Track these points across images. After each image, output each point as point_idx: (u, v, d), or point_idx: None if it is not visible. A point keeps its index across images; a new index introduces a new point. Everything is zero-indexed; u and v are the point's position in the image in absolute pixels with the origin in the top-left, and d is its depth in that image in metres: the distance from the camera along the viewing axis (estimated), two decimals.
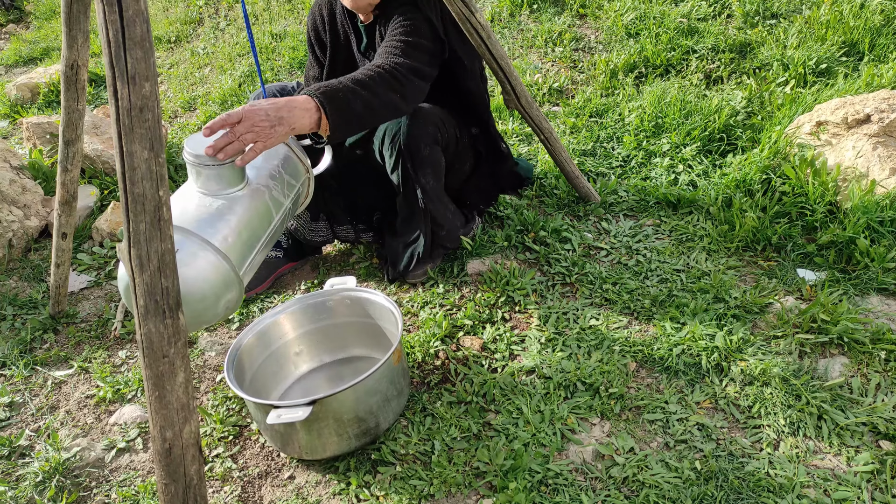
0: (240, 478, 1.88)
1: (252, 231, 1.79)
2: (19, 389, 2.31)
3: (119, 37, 1.17)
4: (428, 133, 2.26)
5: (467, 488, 1.74)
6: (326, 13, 2.44)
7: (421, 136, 2.24)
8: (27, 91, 4.92)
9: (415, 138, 2.24)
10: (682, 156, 2.93)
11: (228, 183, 1.76)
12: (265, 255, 1.96)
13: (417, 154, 2.27)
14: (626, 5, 3.94)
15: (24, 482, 1.93)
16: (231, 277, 1.65)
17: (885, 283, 2.18)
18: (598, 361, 2.04)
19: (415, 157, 2.27)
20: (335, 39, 2.44)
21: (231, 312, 1.73)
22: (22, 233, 3.02)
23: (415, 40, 2.15)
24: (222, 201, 1.74)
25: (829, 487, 1.64)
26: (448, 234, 2.46)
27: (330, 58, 2.46)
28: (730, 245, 2.46)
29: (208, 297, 1.60)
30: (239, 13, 5.43)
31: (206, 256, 1.60)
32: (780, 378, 1.92)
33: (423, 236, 2.40)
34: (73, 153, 2.19)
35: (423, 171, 2.30)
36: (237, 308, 1.75)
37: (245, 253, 1.75)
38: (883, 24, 3.34)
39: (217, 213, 1.71)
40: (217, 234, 1.66)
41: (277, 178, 1.95)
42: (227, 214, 1.72)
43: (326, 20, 2.43)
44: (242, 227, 1.75)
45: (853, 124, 2.56)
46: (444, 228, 2.43)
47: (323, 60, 2.50)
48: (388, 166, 2.33)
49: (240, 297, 1.71)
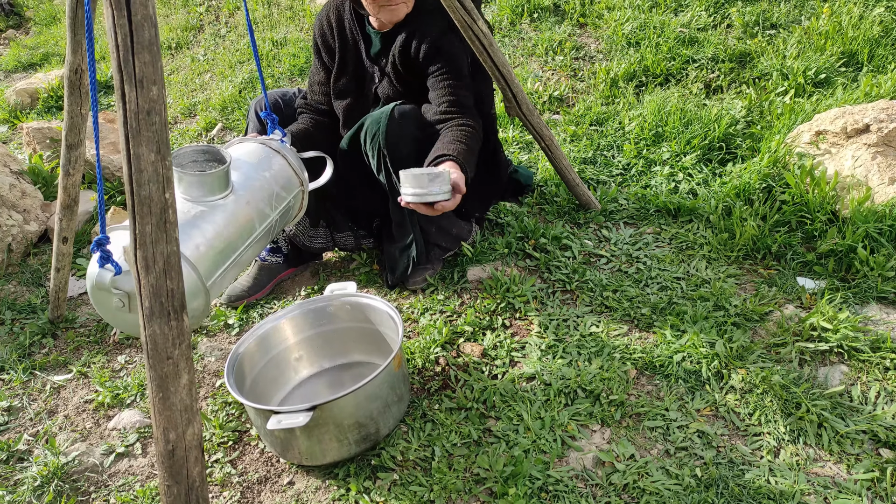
0: (239, 483, 1.88)
1: (228, 241, 1.78)
2: (18, 394, 2.30)
3: (128, 41, 1.17)
4: (407, 133, 2.26)
5: (467, 494, 1.74)
6: (335, 19, 2.45)
7: (400, 136, 2.25)
8: (26, 96, 4.93)
9: (394, 136, 2.24)
10: (682, 164, 2.94)
11: (211, 190, 1.76)
12: (248, 262, 1.95)
13: (397, 154, 2.26)
14: (626, 15, 3.96)
15: (22, 487, 1.92)
16: (197, 286, 1.64)
17: (884, 292, 2.19)
18: (599, 368, 2.04)
19: (395, 157, 2.27)
20: (344, 45, 2.45)
21: (197, 322, 1.71)
22: (21, 237, 3.01)
23: (464, 81, 2.31)
24: (202, 208, 1.74)
25: (830, 495, 1.64)
26: (438, 233, 2.45)
27: (338, 63, 2.47)
28: (730, 253, 2.46)
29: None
30: (239, 20, 5.44)
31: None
32: (781, 386, 1.92)
33: (414, 238, 2.40)
34: (76, 157, 2.20)
35: None
36: (204, 317, 1.73)
37: (218, 262, 1.74)
38: (882, 35, 3.36)
39: (193, 220, 1.71)
40: (189, 241, 1.66)
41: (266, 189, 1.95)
42: (204, 223, 1.72)
43: (335, 26, 2.45)
44: (219, 236, 1.74)
45: (852, 134, 2.57)
46: (433, 226, 2.43)
47: (330, 66, 2.52)
48: (374, 167, 2.34)
49: (206, 306, 1.70)
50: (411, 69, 2.35)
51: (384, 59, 2.40)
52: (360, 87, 2.48)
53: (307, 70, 4.43)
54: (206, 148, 1.83)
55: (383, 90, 2.42)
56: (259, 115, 2.51)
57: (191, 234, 1.67)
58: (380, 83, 2.43)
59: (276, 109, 2.53)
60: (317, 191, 2.30)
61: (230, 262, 1.79)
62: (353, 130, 2.39)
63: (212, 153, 1.84)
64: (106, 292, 1.61)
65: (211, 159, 1.85)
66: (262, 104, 2.52)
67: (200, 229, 1.70)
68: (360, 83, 2.48)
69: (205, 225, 1.72)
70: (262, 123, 2.49)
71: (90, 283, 1.64)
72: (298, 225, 2.59)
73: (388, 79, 2.40)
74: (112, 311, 1.64)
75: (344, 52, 2.46)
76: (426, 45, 2.28)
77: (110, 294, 1.59)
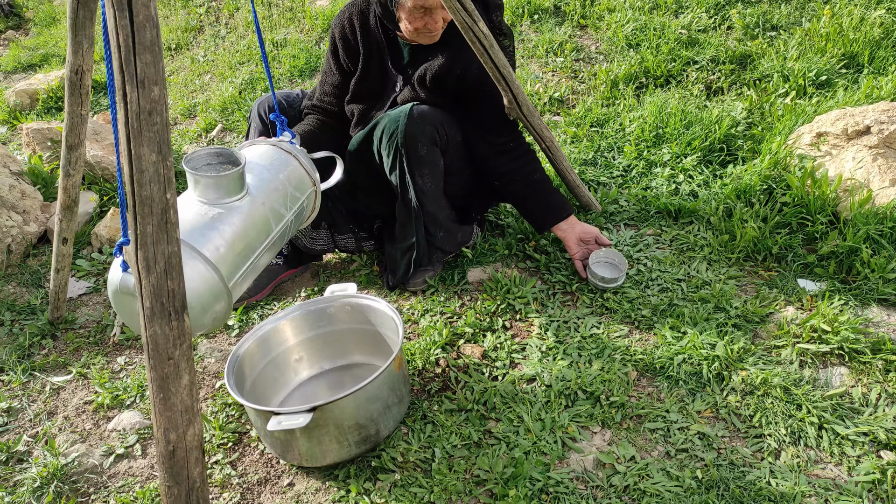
0: (239, 485, 1.87)
1: (247, 242, 1.77)
2: (17, 395, 2.30)
3: (129, 41, 1.17)
4: (426, 133, 2.26)
5: (468, 496, 1.74)
6: (358, 22, 2.39)
7: (418, 136, 2.24)
8: (26, 97, 4.93)
9: (412, 137, 2.24)
10: (682, 166, 2.94)
11: (227, 192, 1.75)
12: (265, 266, 1.95)
13: (414, 153, 2.26)
14: (626, 16, 3.97)
15: (21, 488, 1.91)
16: (219, 288, 1.62)
17: (885, 294, 2.19)
18: (599, 370, 2.04)
19: (411, 157, 2.27)
20: (369, 50, 2.41)
21: (219, 325, 1.70)
22: (21, 238, 3.01)
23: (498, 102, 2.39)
24: (219, 210, 1.72)
25: (831, 497, 1.64)
26: (445, 237, 2.45)
27: (362, 68, 2.43)
28: (730, 255, 2.46)
29: (195, 308, 1.57)
30: (238, 22, 5.44)
31: (195, 266, 1.57)
32: (781, 388, 1.92)
33: (417, 240, 2.40)
34: (76, 158, 2.19)
35: (420, 171, 2.30)
36: (225, 320, 1.71)
37: (238, 264, 1.73)
38: (882, 37, 3.36)
39: (211, 222, 1.69)
40: (208, 243, 1.64)
41: (280, 190, 1.94)
42: (222, 224, 1.70)
43: (358, 29, 2.39)
44: (237, 237, 1.73)
45: (853, 135, 2.57)
46: (441, 230, 2.42)
47: (350, 69, 2.48)
48: (387, 166, 2.33)
49: (228, 308, 1.68)
50: (444, 88, 2.34)
51: (411, 71, 2.38)
52: (381, 93, 2.45)
53: (307, 71, 4.43)
54: (219, 150, 1.82)
55: (403, 98, 2.40)
56: (263, 117, 2.50)
57: (210, 237, 1.65)
58: (401, 92, 2.41)
59: (281, 111, 2.52)
60: None
61: (249, 263, 1.78)
62: (365, 130, 2.38)
63: (226, 155, 1.83)
64: (129, 296, 1.57)
65: (225, 161, 1.84)
66: (264, 105, 2.51)
67: (219, 231, 1.68)
68: (381, 89, 2.45)
69: (223, 227, 1.70)
70: (266, 125, 2.48)
71: (112, 287, 1.60)
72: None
73: (411, 89, 2.38)
74: (135, 314, 1.62)
75: (369, 58, 2.41)
76: (475, 70, 2.30)
77: (134, 298, 1.54)
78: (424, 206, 2.34)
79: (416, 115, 2.24)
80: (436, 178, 2.35)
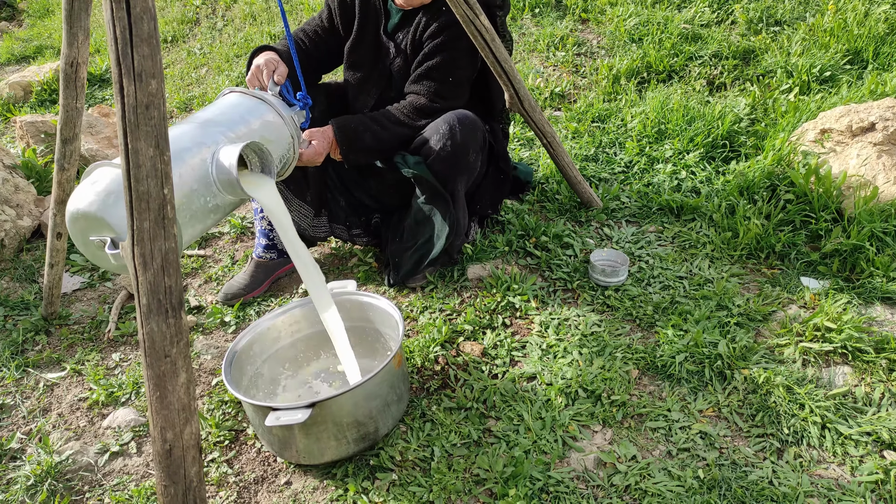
0: (236, 483, 1.85)
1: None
2: (10, 392, 2.27)
3: (126, 34, 1.15)
4: (477, 139, 2.27)
5: (467, 495, 1.72)
6: None
7: (470, 143, 2.25)
8: (20, 89, 4.88)
9: (464, 145, 2.24)
10: (685, 162, 2.91)
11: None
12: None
13: (465, 159, 2.26)
14: (628, 11, 3.94)
15: (15, 486, 1.89)
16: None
17: (889, 292, 2.17)
18: (600, 368, 2.02)
19: (460, 162, 2.26)
20: (365, 15, 2.39)
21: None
22: (14, 232, 2.98)
23: (453, 78, 2.31)
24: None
25: (833, 497, 1.63)
26: (459, 242, 2.45)
27: (356, 33, 2.41)
28: (733, 252, 2.44)
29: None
30: (236, 14, 5.40)
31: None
32: (784, 387, 1.90)
33: (436, 242, 2.37)
34: (71, 152, 2.16)
35: (461, 178, 2.30)
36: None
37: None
38: (887, 33, 3.34)
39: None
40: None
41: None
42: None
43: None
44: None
45: (858, 132, 2.55)
46: (460, 236, 2.42)
47: (342, 32, 2.45)
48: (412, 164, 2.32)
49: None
50: (419, 50, 2.33)
51: (400, 36, 2.36)
52: (375, 60, 2.43)
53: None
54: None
55: (398, 67, 2.38)
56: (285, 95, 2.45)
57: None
58: (394, 60, 2.39)
59: None
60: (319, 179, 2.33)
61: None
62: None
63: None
64: (84, 220, 1.59)
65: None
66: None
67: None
68: (375, 57, 2.43)
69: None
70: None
71: (70, 210, 1.61)
72: (303, 217, 2.56)
73: (403, 56, 2.36)
74: (90, 244, 1.62)
75: (364, 22, 2.40)
76: (435, 23, 2.25)
77: (89, 223, 1.57)
78: (455, 212, 2.33)
79: (467, 122, 2.23)
80: (468, 184, 2.37)
